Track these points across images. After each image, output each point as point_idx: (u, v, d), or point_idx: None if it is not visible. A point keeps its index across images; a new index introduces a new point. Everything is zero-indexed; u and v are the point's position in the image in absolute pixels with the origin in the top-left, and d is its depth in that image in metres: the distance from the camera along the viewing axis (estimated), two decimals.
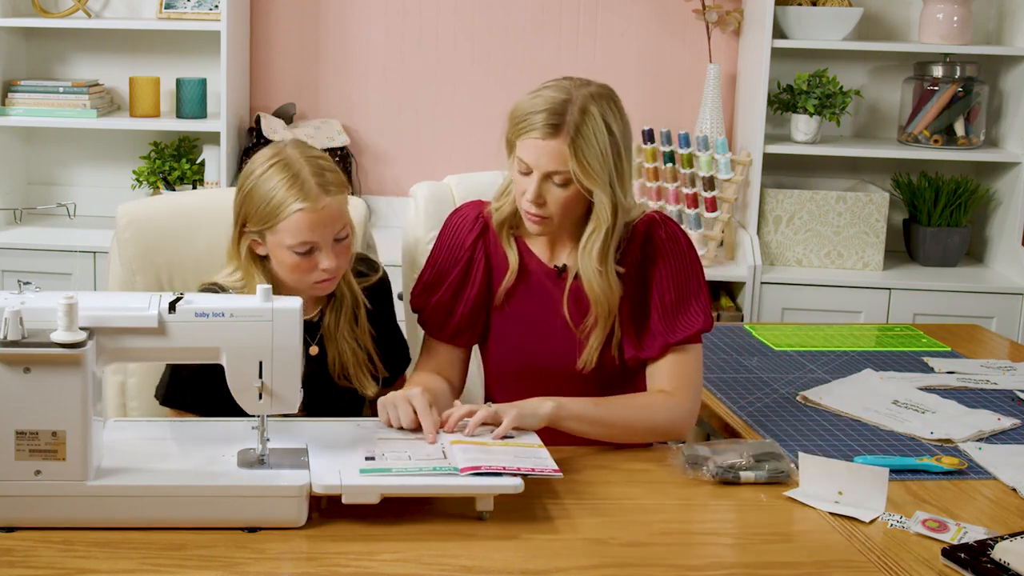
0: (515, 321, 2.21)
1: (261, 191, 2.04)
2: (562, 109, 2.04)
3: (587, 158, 2.03)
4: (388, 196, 4.11)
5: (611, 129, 2.05)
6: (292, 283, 2.09)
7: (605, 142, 2.04)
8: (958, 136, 3.86)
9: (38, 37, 4.02)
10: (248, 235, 2.08)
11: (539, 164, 2.05)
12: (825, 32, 3.81)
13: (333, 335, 2.16)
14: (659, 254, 2.16)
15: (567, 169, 2.04)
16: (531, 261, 2.21)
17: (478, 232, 2.23)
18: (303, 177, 2.03)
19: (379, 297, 2.25)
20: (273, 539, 1.72)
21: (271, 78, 4.10)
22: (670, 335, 2.14)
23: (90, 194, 4.08)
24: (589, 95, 2.06)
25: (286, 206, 2.02)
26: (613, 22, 4.04)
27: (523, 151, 2.06)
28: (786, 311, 3.71)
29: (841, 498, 1.88)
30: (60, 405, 1.70)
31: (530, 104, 2.07)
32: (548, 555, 1.71)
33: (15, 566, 1.62)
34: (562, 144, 2.03)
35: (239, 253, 2.10)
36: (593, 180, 2.04)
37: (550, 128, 2.03)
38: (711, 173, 3.75)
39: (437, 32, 4.07)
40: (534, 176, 2.06)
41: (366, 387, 2.17)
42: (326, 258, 2.05)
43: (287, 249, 2.04)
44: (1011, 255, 3.81)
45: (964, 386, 2.52)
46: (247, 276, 2.11)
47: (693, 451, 2.01)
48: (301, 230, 2.02)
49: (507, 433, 1.95)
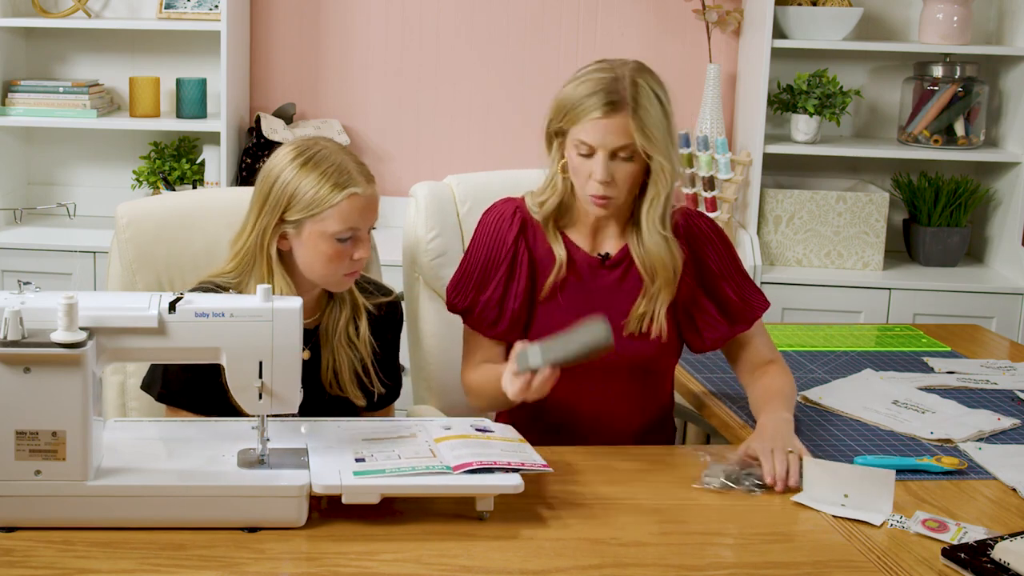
0: (560, 313, 2.21)
1: (308, 180, 2.05)
2: (615, 87, 2.10)
3: (649, 127, 2.10)
4: (388, 196, 4.09)
5: (660, 97, 2.13)
6: (319, 276, 2.09)
7: (659, 110, 2.12)
8: (958, 136, 3.85)
9: (38, 37, 4.02)
10: (283, 227, 2.07)
11: (605, 142, 2.10)
12: (825, 32, 3.81)
13: (330, 340, 2.15)
14: (707, 240, 2.28)
15: (632, 142, 2.09)
16: (575, 252, 2.24)
17: (518, 228, 2.24)
18: (348, 165, 2.07)
19: (389, 320, 2.25)
20: (273, 539, 1.72)
21: (271, 78, 4.10)
22: (754, 308, 2.28)
23: (90, 194, 4.08)
24: (633, 69, 2.14)
25: (339, 191, 2.04)
26: (613, 22, 4.04)
27: (584, 134, 2.10)
28: (786, 311, 3.70)
29: (847, 501, 1.88)
30: (60, 405, 1.70)
31: (580, 90, 2.12)
32: (548, 555, 1.71)
33: (15, 566, 1.62)
34: (625, 118, 2.09)
35: (263, 248, 2.08)
36: (656, 148, 2.11)
37: (610, 106, 2.09)
38: (711, 173, 3.75)
39: (437, 32, 4.07)
40: (599, 156, 2.10)
41: (357, 397, 2.16)
42: (362, 247, 2.08)
43: (329, 237, 2.04)
44: (1011, 255, 3.81)
45: (964, 386, 2.52)
46: (264, 276, 2.08)
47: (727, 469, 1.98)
48: (351, 215, 2.05)
49: (487, 428, 1.97)
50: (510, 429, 2.00)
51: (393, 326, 2.26)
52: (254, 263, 2.10)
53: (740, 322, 2.27)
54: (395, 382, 2.28)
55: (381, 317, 2.22)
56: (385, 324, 2.23)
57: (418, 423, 2.00)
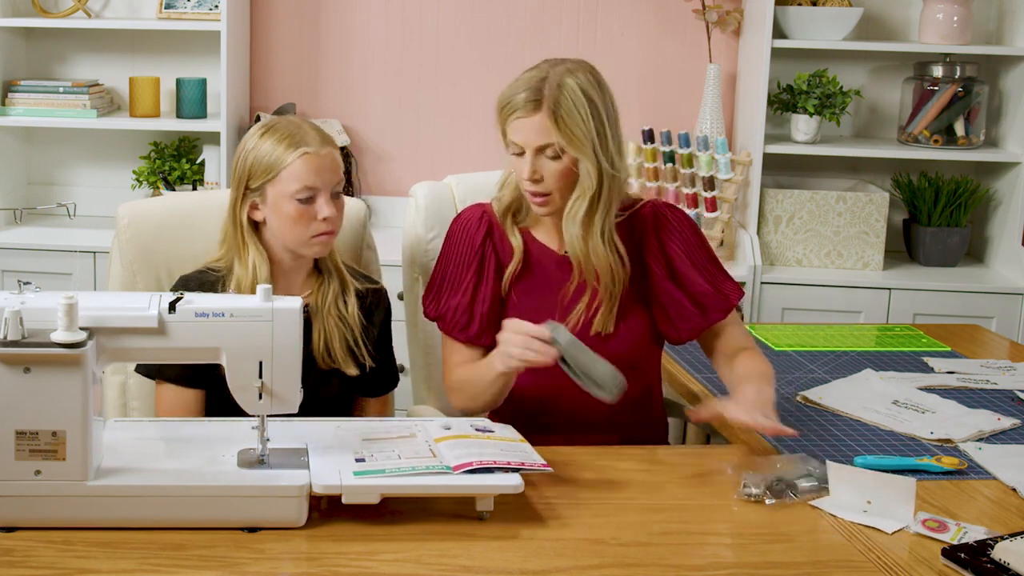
0: (526, 309, 2.23)
1: (264, 146, 2.14)
2: (539, 85, 2.14)
3: (568, 127, 2.12)
4: (388, 196, 4.11)
5: (590, 97, 2.14)
6: (291, 241, 2.15)
7: (585, 110, 2.13)
8: (958, 136, 3.85)
9: (38, 37, 4.02)
10: (249, 196, 2.15)
11: (528, 141, 2.14)
12: (825, 32, 3.81)
13: (320, 311, 2.19)
14: (675, 230, 2.28)
15: (553, 141, 2.12)
16: (537, 249, 2.26)
17: (485, 231, 2.28)
18: (304, 129, 2.15)
19: (375, 304, 2.28)
20: (273, 539, 1.72)
21: (271, 78, 4.10)
22: (727, 297, 2.28)
23: (90, 194, 4.08)
24: (565, 70, 2.16)
25: (291, 151, 2.11)
26: (613, 22, 4.04)
27: (512, 133, 2.16)
28: (786, 311, 3.71)
29: (870, 507, 1.87)
30: (60, 405, 1.70)
31: (511, 89, 2.18)
32: (548, 555, 1.71)
33: (15, 566, 1.62)
34: (544, 117, 2.12)
35: (237, 220, 2.16)
36: (577, 147, 2.13)
37: (532, 104, 2.13)
38: (711, 173, 3.75)
39: (437, 32, 4.07)
40: (527, 156, 2.15)
41: (349, 367, 2.19)
42: (325, 205, 2.12)
43: (289, 198, 2.11)
44: (1011, 255, 3.81)
45: (964, 386, 2.52)
46: (239, 247, 2.16)
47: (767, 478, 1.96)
48: (305, 174, 2.11)
49: (487, 428, 1.97)
50: (510, 429, 2.00)
51: (380, 310, 2.30)
52: (235, 241, 2.18)
53: (714, 312, 2.27)
54: (390, 369, 2.30)
55: (367, 300, 2.26)
56: (371, 306, 2.27)
57: (418, 423, 2.00)
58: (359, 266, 2.37)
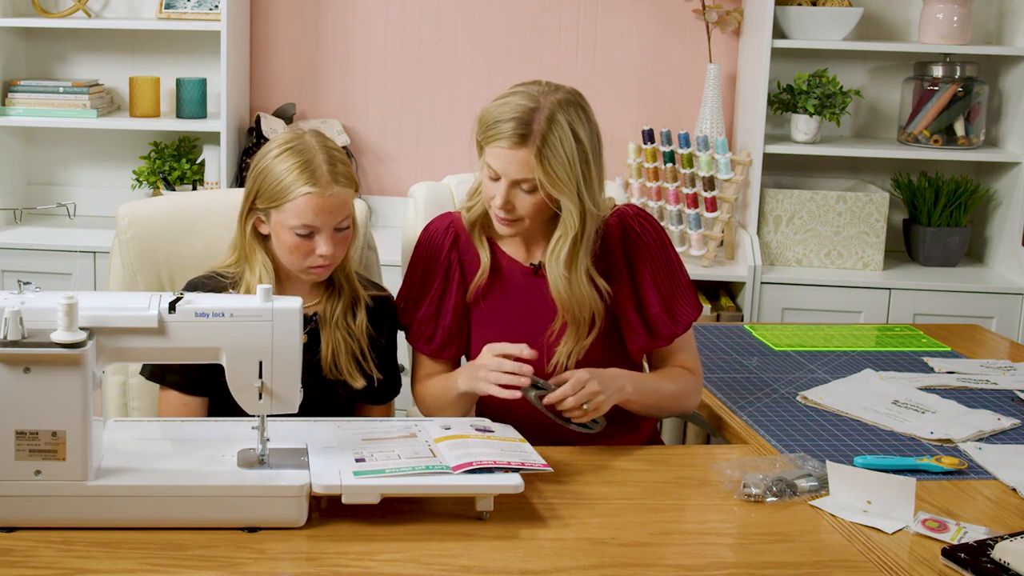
0: (493, 321, 2.22)
1: (274, 171, 2.10)
2: (529, 118, 2.06)
3: (553, 168, 2.05)
4: (388, 196, 4.11)
5: (578, 136, 2.07)
6: (288, 264, 2.15)
7: (572, 150, 2.06)
8: (958, 136, 3.85)
9: (38, 37, 4.03)
10: (255, 211, 2.14)
11: (507, 172, 2.08)
12: (825, 32, 3.81)
13: (328, 323, 2.17)
14: (641, 246, 2.22)
15: (534, 177, 2.06)
16: (505, 260, 2.23)
17: (451, 242, 2.25)
18: (316, 163, 2.08)
19: (383, 313, 2.26)
20: (273, 539, 1.72)
21: (271, 78, 4.10)
22: (677, 324, 2.22)
23: (90, 194, 4.08)
24: (557, 102, 2.07)
25: (295, 188, 2.07)
26: (613, 22, 4.04)
27: (491, 158, 2.09)
28: (786, 311, 3.71)
29: (870, 507, 1.87)
30: (60, 405, 1.70)
31: (499, 111, 2.09)
32: (548, 555, 1.71)
33: (15, 566, 1.62)
34: (529, 154, 2.05)
35: (244, 228, 2.16)
36: (560, 189, 2.07)
37: (518, 138, 2.05)
38: (711, 173, 3.75)
39: (437, 32, 4.07)
40: (502, 183, 2.09)
41: (355, 379, 2.17)
42: (324, 244, 2.09)
43: (289, 229, 2.09)
44: (1011, 255, 3.81)
45: (964, 386, 2.52)
46: (247, 253, 2.16)
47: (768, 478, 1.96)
48: (306, 213, 2.07)
49: (487, 428, 1.96)
50: (510, 429, 2.00)
51: (388, 318, 2.28)
52: (244, 248, 2.17)
53: (661, 339, 2.22)
54: (394, 376, 2.29)
55: (376, 309, 2.24)
56: (380, 315, 2.25)
57: (418, 423, 2.00)
58: (359, 266, 2.36)
